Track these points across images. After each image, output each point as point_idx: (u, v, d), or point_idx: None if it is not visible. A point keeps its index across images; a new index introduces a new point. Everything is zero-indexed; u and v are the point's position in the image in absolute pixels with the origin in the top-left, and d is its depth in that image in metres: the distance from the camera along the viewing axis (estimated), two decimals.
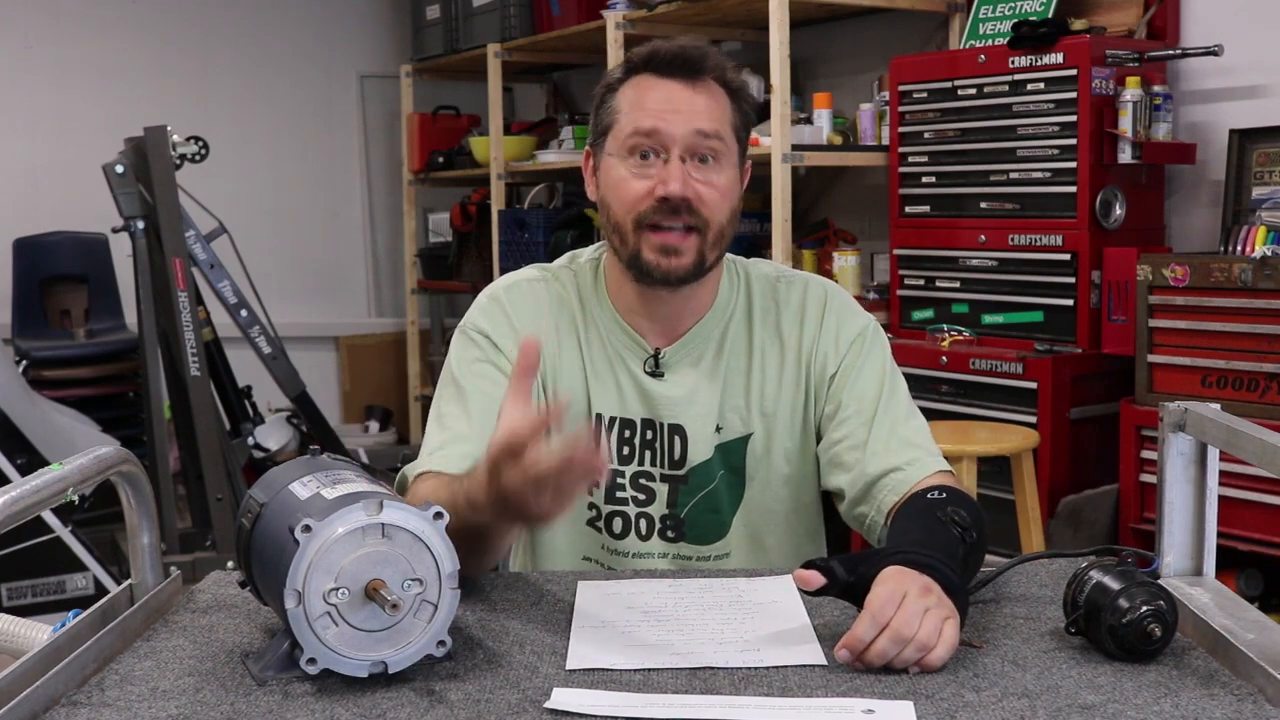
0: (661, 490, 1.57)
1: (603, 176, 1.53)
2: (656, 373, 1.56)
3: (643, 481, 1.57)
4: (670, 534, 1.58)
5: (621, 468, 1.57)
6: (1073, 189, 3.19)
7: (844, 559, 1.20)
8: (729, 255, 1.62)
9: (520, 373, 1.20)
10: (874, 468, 1.48)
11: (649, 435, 1.57)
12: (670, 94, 1.48)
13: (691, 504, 1.57)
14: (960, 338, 3.44)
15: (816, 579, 1.18)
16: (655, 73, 1.50)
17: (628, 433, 1.57)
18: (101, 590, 3.49)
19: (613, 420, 1.57)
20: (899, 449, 1.48)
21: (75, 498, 1.13)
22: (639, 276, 1.51)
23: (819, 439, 1.58)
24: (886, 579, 1.14)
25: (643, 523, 1.57)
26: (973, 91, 3.41)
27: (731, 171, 1.51)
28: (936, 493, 1.36)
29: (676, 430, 1.56)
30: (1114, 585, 1.13)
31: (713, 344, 1.57)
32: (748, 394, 1.57)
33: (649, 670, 1.12)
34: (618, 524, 1.58)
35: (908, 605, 1.10)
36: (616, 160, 1.50)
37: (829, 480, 1.55)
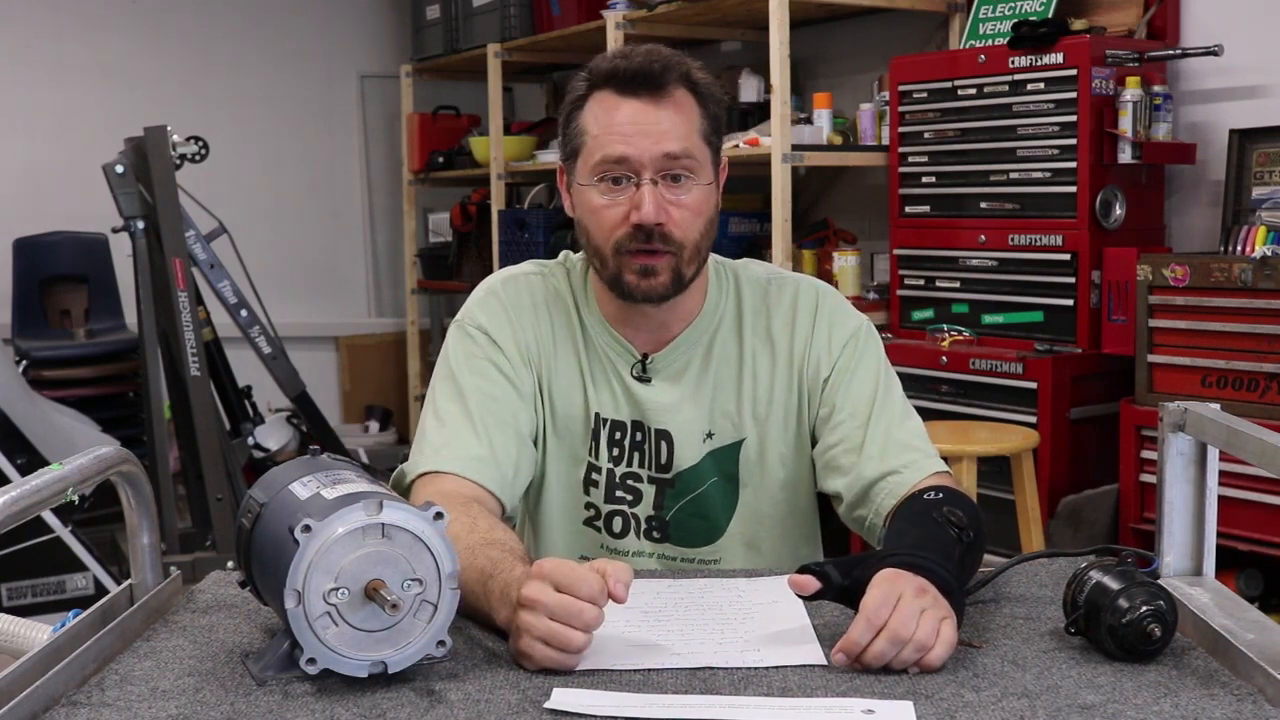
0: (649, 491, 1.57)
1: (577, 200, 1.51)
2: (644, 378, 1.56)
3: (630, 482, 1.57)
4: (655, 534, 1.58)
5: (613, 467, 1.57)
6: (1073, 189, 3.18)
7: (839, 562, 1.20)
8: (718, 259, 1.61)
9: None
10: (870, 471, 1.48)
11: (638, 437, 1.56)
12: (635, 114, 1.44)
13: (677, 507, 1.57)
14: (960, 338, 3.43)
15: (811, 584, 1.18)
16: (618, 91, 1.46)
17: (619, 434, 1.57)
18: (101, 590, 3.49)
19: (605, 420, 1.57)
20: (895, 452, 1.48)
21: (75, 498, 1.13)
22: (621, 296, 1.51)
23: (814, 442, 1.57)
24: (881, 581, 1.14)
25: (632, 522, 1.58)
26: (973, 91, 3.40)
27: (704, 184, 1.48)
28: (933, 493, 1.36)
29: (663, 435, 1.56)
30: (1114, 585, 1.13)
31: (700, 350, 1.57)
32: (739, 399, 1.56)
33: (649, 670, 1.12)
34: (618, 523, 1.58)
35: (903, 606, 1.10)
36: (589, 186, 1.48)
37: (825, 484, 1.55)
